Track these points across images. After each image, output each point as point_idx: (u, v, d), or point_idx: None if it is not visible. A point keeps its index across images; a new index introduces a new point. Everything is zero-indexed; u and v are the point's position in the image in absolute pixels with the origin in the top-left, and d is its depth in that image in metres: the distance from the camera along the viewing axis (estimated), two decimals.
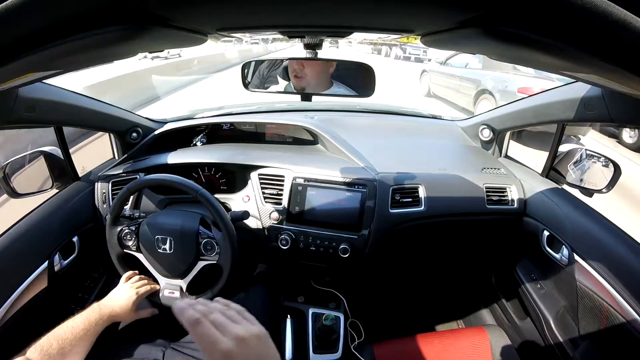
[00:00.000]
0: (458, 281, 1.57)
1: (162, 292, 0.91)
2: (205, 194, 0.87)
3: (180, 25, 0.40)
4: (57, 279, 0.94)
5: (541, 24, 0.28)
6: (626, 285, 0.79)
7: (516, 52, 0.39)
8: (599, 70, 0.33)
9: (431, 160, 1.22)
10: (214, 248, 0.89)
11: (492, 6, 0.30)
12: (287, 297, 1.25)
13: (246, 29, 0.51)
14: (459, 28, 0.38)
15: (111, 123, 1.16)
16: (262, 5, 0.35)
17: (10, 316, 0.81)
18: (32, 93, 0.81)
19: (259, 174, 1.12)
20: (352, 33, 0.55)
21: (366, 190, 1.05)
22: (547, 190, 1.09)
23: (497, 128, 1.29)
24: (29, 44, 0.30)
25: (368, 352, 0.97)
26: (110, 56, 0.49)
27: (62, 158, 1.06)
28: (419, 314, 1.56)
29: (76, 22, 0.29)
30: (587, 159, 1.02)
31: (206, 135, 1.31)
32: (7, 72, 0.35)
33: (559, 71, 0.42)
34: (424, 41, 0.51)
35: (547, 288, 1.09)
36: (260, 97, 1.21)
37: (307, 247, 1.09)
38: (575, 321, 0.95)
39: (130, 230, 0.90)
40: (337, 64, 0.81)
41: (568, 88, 0.92)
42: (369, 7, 0.35)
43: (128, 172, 1.13)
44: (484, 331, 1.00)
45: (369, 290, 1.57)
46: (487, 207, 1.12)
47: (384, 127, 1.51)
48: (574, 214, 0.97)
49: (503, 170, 1.21)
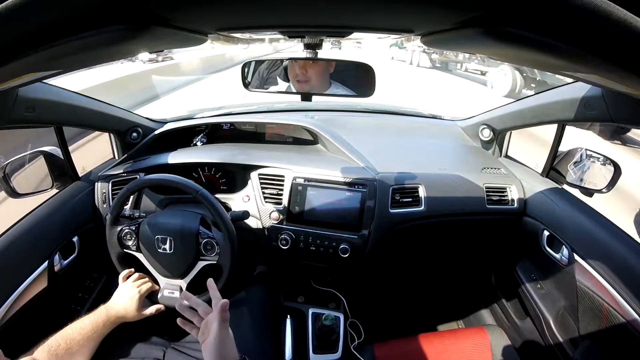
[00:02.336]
0: (458, 281, 1.57)
1: (162, 292, 0.91)
2: (205, 194, 0.87)
3: (180, 25, 0.40)
4: (57, 279, 0.94)
5: (541, 23, 0.28)
6: (626, 285, 0.79)
7: (516, 52, 0.38)
8: (599, 70, 0.33)
9: (431, 160, 1.22)
10: (214, 248, 0.89)
11: (492, 6, 0.30)
12: (287, 297, 1.25)
13: (246, 29, 0.51)
14: (459, 28, 0.38)
15: (111, 123, 1.16)
16: (262, 6, 0.35)
17: (11, 316, 0.81)
18: (32, 93, 0.81)
19: (259, 173, 1.12)
20: (352, 33, 0.55)
21: (366, 190, 1.05)
22: (547, 190, 1.09)
23: (497, 128, 1.28)
24: (28, 44, 0.30)
25: (368, 352, 0.97)
26: (110, 56, 0.49)
27: (62, 158, 1.06)
28: (419, 314, 1.56)
29: (76, 22, 0.29)
30: (587, 159, 1.02)
31: (206, 135, 1.31)
32: (7, 72, 0.35)
33: (559, 71, 0.42)
34: (424, 41, 0.51)
35: (547, 288, 1.09)
36: (260, 97, 1.22)
37: (307, 247, 1.09)
38: (575, 321, 0.95)
39: (131, 230, 0.90)
40: (337, 64, 0.81)
41: (568, 88, 0.92)
42: (369, 7, 0.35)
43: (128, 172, 1.13)
44: (484, 331, 1.00)
45: (369, 290, 1.57)
46: (487, 207, 1.12)
47: (384, 127, 1.51)
48: (574, 214, 0.97)
49: (503, 170, 1.21)
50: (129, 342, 0.82)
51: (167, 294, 0.91)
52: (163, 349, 0.83)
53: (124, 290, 0.87)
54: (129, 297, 0.85)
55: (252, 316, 1.00)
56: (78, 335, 0.72)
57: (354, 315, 1.22)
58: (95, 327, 0.76)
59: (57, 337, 0.70)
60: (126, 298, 0.85)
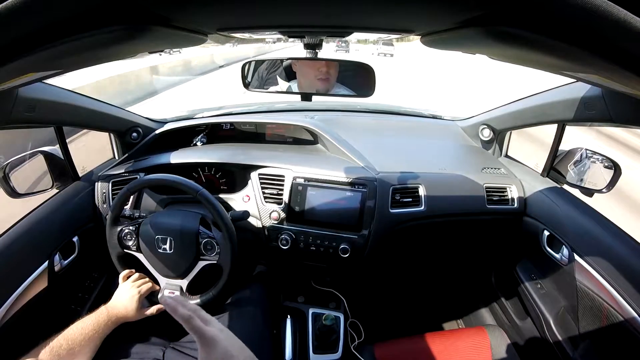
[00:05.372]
0: (458, 281, 1.57)
1: (163, 292, 0.91)
2: (205, 194, 0.87)
3: (180, 25, 0.40)
4: (57, 279, 0.94)
5: (541, 23, 0.28)
6: (626, 285, 0.79)
7: (516, 52, 0.38)
8: (599, 70, 0.33)
9: (431, 160, 1.22)
10: (214, 248, 0.89)
11: (492, 6, 0.30)
12: (287, 297, 1.25)
13: (246, 29, 0.51)
14: (459, 28, 0.38)
15: (111, 123, 1.16)
16: (263, 5, 0.35)
17: (11, 316, 0.81)
18: (32, 93, 0.81)
19: (259, 173, 1.12)
20: (352, 33, 0.55)
21: (366, 190, 1.05)
22: (547, 190, 1.09)
23: (497, 128, 1.28)
24: (29, 44, 0.30)
25: (368, 352, 0.97)
26: (110, 56, 0.49)
27: (62, 158, 1.06)
28: (419, 314, 1.56)
29: (76, 22, 0.29)
30: (587, 158, 1.02)
31: (206, 135, 1.31)
32: (7, 72, 0.35)
33: (559, 71, 0.42)
34: (424, 41, 0.51)
35: (547, 288, 1.09)
36: (260, 97, 1.21)
37: (307, 247, 1.09)
38: (575, 321, 0.95)
39: (131, 230, 0.90)
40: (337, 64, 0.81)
41: (568, 88, 0.92)
42: (369, 7, 0.35)
43: (128, 172, 1.13)
44: (484, 331, 1.00)
45: (369, 290, 1.57)
46: (487, 206, 1.12)
47: (384, 127, 1.51)
48: (574, 214, 0.97)
49: (503, 170, 1.21)
50: (128, 342, 0.82)
51: (168, 293, 0.91)
52: (162, 348, 0.82)
53: (124, 291, 0.87)
54: (130, 297, 0.85)
55: (252, 316, 1.00)
56: (80, 335, 0.72)
57: (354, 315, 1.23)
58: (96, 327, 0.76)
59: (58, 337, 0.70)
60: (127, 298, 0.85)
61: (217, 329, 0.42)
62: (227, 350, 0.40)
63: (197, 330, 0.41)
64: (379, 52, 21.13)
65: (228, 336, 0.42)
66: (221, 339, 0.41)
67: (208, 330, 0.41)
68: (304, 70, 0.84)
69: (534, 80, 3.93)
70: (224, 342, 0.40)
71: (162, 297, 0.91)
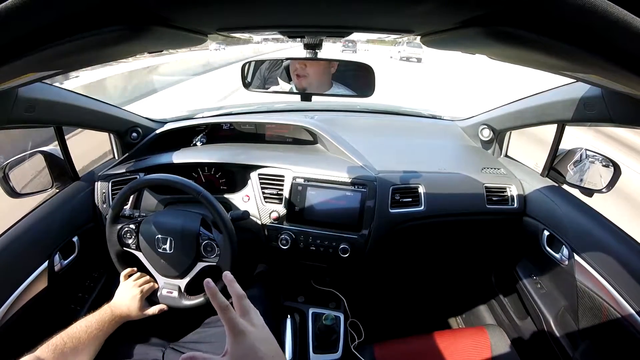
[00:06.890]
0: (458, 281, 1.57)
1: (160, 292, 0.91)
2: (207, 196, 0.87)
3: (180, 25, 0.40)
4: (57, 278, 0.94)
5: (541, 23, 0.28)
6: (626, 285, 0.79)
7: (516, 52, 0.39)
8: (599, 70, 0.33)
9: (431, 160, 1.22)
10: (214, 250, 0.89)
11: (492, 6, 0.30)
12: (287, 297, 1.24)
13: (246, 29, 0.51)
14: (459, 28, 0.38)
15: (111, 123, 1.16)
16: (262, 5, 0.35)
17: (11, 316, 0.81)
18: (32, 93, 0.81)
19: (259, 173, 1.12)
20: (352, 33, 0.55)
21: (366, 190, 1.05)
22: (547, 190, 1.09)
23: (497, 128, 1.29)
24: (28, 44, 0.30)
25: (368, 352, 0.97)
26: (110, 56, 0.49)
27: (62, 158, 1.06)
28: (419, 314, 1.56)
29: (76, 22, 0.29)
30: (587, 158, 1.02)
31: (206, 135, 1.31)
32: (6, 72, 0.35)
33: (559, 71, 0.42)
34: (424, 41, 0.51)
35: (547, 288, 1.09)
36: (260, 97, 1.21)
37: (307, 247, 1.09)
38: (575, 321, 0.95)
39: (131, 229, 0.90)
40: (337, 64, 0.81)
41: (568, 88, 0.92)
42: (369, 7, 0.35)
43: (128, 171, 1.13)
44: (484, 331, 1.00)
45: (369, 290, 1.57)
46: (487, 206, 1.12)
47: (384, 127, 1.51)
48: (574, 214, 0.97)
49: (503, 170, 1.21)
50: (128, 342, 0.82)
51: (165, 293, 0.91)
52: (162, 349, 0.82)
53: (126, 289, 0.87)
54: (132, 296, 0.85)
55: None
56: (84, 334, 0.72)
57: (354, 315, 1.22)
58: (101, 326, 0.76)
59: (62, 335, 0.69)
60: (129, 297, 0.85)
61: (249, 323, 0.42)
62: (253, 344, 0.40)
63: (229, 320, 0.41)
64: (402, 56, 15.70)
65: (258, 331, 0.43)
66: (250, 332, 0.41)
67: (239, 323, 0.41)
68: (291, 65, 0.84)
69: (539, 80, 3.92)
70: (251, 336, 0.41)
71: (161, 296, 0.91)
